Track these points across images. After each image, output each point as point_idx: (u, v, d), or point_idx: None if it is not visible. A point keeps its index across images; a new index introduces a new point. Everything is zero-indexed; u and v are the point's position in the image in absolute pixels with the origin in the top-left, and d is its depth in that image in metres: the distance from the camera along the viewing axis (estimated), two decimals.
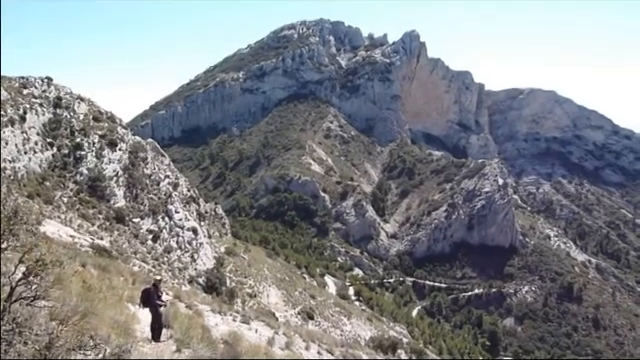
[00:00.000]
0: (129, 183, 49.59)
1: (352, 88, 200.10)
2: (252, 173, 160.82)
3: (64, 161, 45.14)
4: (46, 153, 44.20)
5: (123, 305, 12.08)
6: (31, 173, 41.05)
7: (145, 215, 48.28)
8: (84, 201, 42.48)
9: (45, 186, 40.66)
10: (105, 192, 45.59)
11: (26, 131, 43.40)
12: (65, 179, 43.72)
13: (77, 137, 48.07)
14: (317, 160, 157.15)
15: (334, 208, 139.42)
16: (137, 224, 45.95)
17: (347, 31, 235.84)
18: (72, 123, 49.30)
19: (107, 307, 10.00)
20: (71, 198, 41.81)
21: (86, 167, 46.02)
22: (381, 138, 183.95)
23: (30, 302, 6.27)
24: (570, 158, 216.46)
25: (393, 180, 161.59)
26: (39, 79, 52.49)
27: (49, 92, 51.27)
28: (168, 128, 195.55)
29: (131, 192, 49.20)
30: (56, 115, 48.72)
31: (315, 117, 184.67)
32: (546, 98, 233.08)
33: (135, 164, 52.33)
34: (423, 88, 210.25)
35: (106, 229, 40.23)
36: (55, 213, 36.63)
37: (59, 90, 52.96)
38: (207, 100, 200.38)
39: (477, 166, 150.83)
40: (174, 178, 63.40)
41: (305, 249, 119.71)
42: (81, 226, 37.11)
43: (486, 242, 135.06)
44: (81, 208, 41.12)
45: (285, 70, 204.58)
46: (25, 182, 39.13)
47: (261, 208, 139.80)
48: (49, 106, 49.09)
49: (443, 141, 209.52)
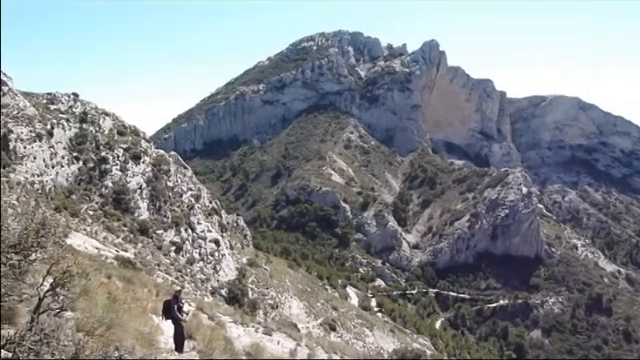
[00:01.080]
0: (152, 196, 50.27)
1: (372, 98, 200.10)
2: (273, 184, 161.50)
3: (90, 175, 46.08)
4: (72, 167, 45.22)
5: (147, 316, 12.20)
6: (58, 187, 42.01)
7: (168, 227, 48.82)
8: (109, 214, 43.22)
9: (71, 199, 41.55)
10: (129, 205, 46.30)
11: (53, 146, 44.51)
12: (91, 192, 44.60)
13: (102, 151, 49.07)
14: (338, 171, 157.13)
15: (355, 219, 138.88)
16: (160, 236, 46.49)
17: (366, 41, 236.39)
18: (97, 137, 50.36)
19: (132, 318, 10.12)
20: (96, 211, 42.59)
21: (111, 180, 46.87)
22: (401, 148, 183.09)
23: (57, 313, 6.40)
24: (596, 166, 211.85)
25: (414, 190, 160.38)
26: (66, 95, 53.90)
27: (75, 107, 52.55)
28: (190, 141, 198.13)
29: (154, 204, 49.85)
30: (82, 130, 49.85)
31: (335, 128, 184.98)
32: (570, 105, 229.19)
33: (158, 177, 53.07)
34: (443, 97, 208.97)
35: (130, 241, 40.80)
36: (81, 226, 37.34)
37: (85, 105, 54.24)
38: (228, 112, 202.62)
39: (500, 175, 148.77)
40: (196, 190, 64.04)
41: (326, 260, 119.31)
42: (106, 238, 37.73)
43: (510, 252, 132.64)
44: (106, 220, 41.83)
45: (305, 81, 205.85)
46: (52, 195, 40.05)
47: (282, 219, 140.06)
48: (75, 121, 50.29)
49: (465, 150, 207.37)
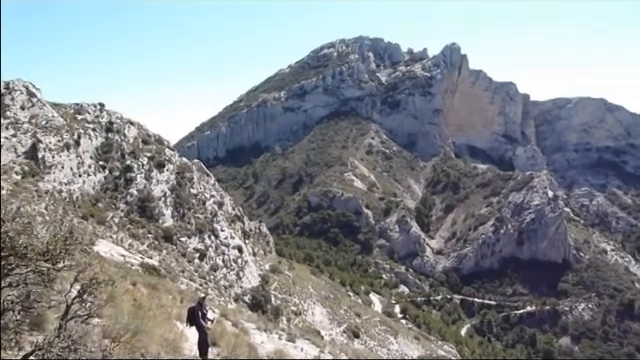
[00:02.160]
0: (176, 203, 50.88)
1: (393, 103, 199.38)
2: (295, 191, 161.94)
3: (115, 183, 46.93)
4: (99, 175, 46.13)
5: (172, 323, 12.30)
6: (85, 195, 42.89)
7: (192, 234, 49.30)
8: (134, 221, 43.88)
9: (98, 207, 42.35)
10: (154, 212, 46.94)
11: (80, 155, 45.51)
12: (116, 200, 45.39)
13: (127, 160, 49.93)
14: (359, 176, 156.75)
15: (378, 224, 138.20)
16: (184, 243, 46.97)
17: (386, 47, 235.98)
18: (122, 146, 51.30)
19: (156, 325, 10.20)
20: (122, 218, 43.30)
21: (136, 188, 47.62)
22: (424, 153, 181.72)
23: (84, 320, 6.49)
24: (625, 168, 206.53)
25: (437, 195, 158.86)
26: (92, 105, 55.11)
27: (101, 117, 53.67)
28: (213, 148, 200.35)
29: (178, 212, 50.42)
30: (108, 139, 50.86)
31: (356, 134, 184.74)
32: (596, 106, 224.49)
33: (182, 184, 53.71)
34: (466, 101, 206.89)
35: (155, 248, 41.31)
36: (107, 233, 38.00)
37: (110, 115, 55.35)
38: (250, 120, 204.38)
39: (525, 178, 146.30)
40: (219, 197, 64.58)
41: (349, 266, 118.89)
42: (131, 245, 38.29)
43: (537, 257, 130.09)
44: (131, 228, 42.48)
45: (325, 88, 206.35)
46: (80, 204, 40.90)
47: (305, 225, 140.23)
48: (101, 130, 51.35)
49: (488, 154, 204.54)
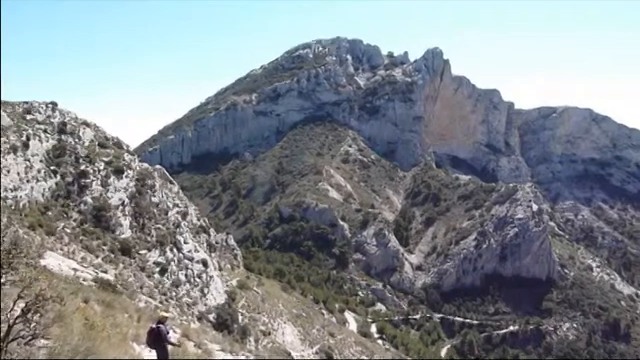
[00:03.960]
0: (136, 213, 49.98)
1: (372, 109, 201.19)
2: (266, 201, 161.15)
3: (68, 190, 45.81)
4: (49, 181, 44.97)
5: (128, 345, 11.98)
6: (33, 202, 41.73)
7: (152, 246, 48.46)
8: (88, 232, 42.87)
9: (48, 216, 41.23)
10: (110, 222, 45.98)
11: (29, 158, 44.31)
12: (69, 209, 44.28)
13: (82, 164, 48.86)
14: (335, 186, 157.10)
15: (354, 238, 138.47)
16: (144, 256, 46.11)
17: (365, 49, 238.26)
18: (77, 150, 50.21)
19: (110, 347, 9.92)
20: (74, 229, 42.24)
21: (91, 196, 46.59)
22: (403, 162, 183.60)
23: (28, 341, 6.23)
24: (610, 181, 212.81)
25: (417, 207, 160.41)
26: (43, 104, 53.86)
27: (54, 117, 52.49)
28: (177, 154, 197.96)
29: (138, 222, 49.53)
30: (60, 141, 49.71)
31: (332, 141, 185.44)
32: (582, 116, 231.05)
33: (142, 192, 52.82)
34: (448, 108, 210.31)
35: (111, 262, 40.42)
36: (57, 245, 37.00)
37: (64, 115, 54.18)
38: (218, 124, 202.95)
39: (508, 191, 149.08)
40: (183, 207, 63.77)
41: (323, 282, 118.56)
42: (84, 259, 37.36)
43: (521, 274, 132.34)
44: (85, 239, 41.47)
45: (300, 91, 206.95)
46: (27, 212, 39.74)
47: (275, 238, 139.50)
48: (53, 132, 50.18)
49: (470, 164, 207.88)
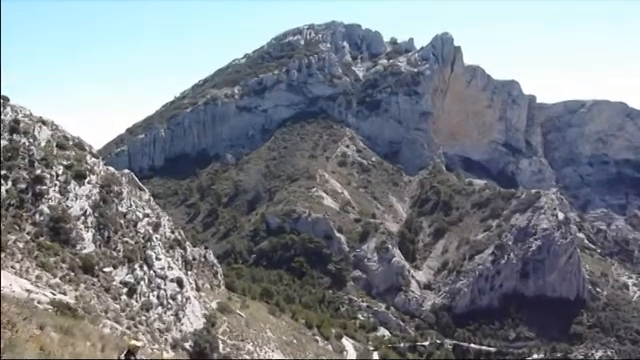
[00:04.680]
0: (100, 224, 49.66)
1: (372, 104, 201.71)
2: (251, 210, 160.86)
3: (20, 198, 45.42)
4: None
5: None
6: None
7: (119, 263, 48.16)
8: (44, 247, 42.52)
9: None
10: (70, 235, 45.65)
11: None
12: (21, 220, 43.92)
13: (37, 168, 48.50)
14: (330, 193, 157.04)
15: (352, 252, 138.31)
16: (109, 274, 45.82)
17: (365, 35, 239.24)
18: (32, 151, 49.86)
19: None
20: (28, 243, 41.89)
21: (47, 205, 46.26)
22: (409, 165, 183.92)
23: None
24: None
25: (425, 216, 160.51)
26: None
27: (4, 114, 52.13)
28: (148, 156, 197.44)
29: (102, 235, 49.23)
30: (12, 142, 49.32)
31: (327, 140, 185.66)
32: (614, 111, 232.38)
33: (107, 201, 52.53)
34: (459, 102, 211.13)
35: (70, 281, 40.11)
36: (8, 262, 36.69)
37: (17, 112, 53.82)
38: (195, 121, 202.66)
39: (530, 197, 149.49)
40: (155, 217, 63.49)
41: (317, 304, 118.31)
42: (40, 278, 37.05)
43: (545, 293, 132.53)
44: (40, 255, 41.13)
45: (290, 84, 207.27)
46: None
47: (262, 253, 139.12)
48: (4, 131, 49.80)
49: (486, 167, 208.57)
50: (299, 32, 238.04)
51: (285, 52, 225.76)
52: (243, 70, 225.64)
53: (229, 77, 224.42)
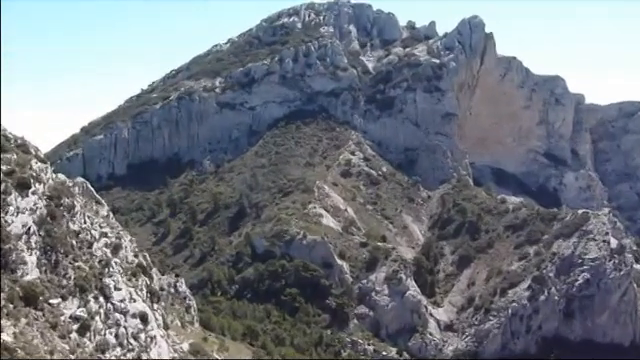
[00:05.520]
0: (46, 245, 49.48)
1: (384, 102, 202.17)
2: (233, 230, 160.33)
3: None
4: None
5: None
6: None
7: (69, 294, 47.95)
8: None
9: None
10: (9, 258, 45.47)
11: None
12: None
13: None
14: (331, 210, 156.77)
15: (357, 283, 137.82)
16: (56, 307, 45.61)
17: (376, 18, 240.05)
18: None
19: None
20: None
21: None
22: (428, 177, 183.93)
23: None
24: None
25: (447, 241, 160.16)
26: None
27: None
28: (108, 161, 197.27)
29: (49, 258, 49.04)
30: None
31: (328, 145, 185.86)
32: None
33: (56, 216, 52.38)
34: (491, 102, 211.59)
35: (9, 315, 39.95)
36: None
37: None
38: (166, 120, 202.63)
39: (576, 219, 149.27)
40: (115, 237, 63.32)
41: (313, 347, 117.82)
42: None
43: (594, 338, 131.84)
44: None
45: (283, 76, 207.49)
46: None
47: (246, 283, 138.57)
48: None
49: (523, 181, 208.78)
50: (295, 12, 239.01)
51: (278, 37, 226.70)
52: (226, 58, 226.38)
53: (208, 66, 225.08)
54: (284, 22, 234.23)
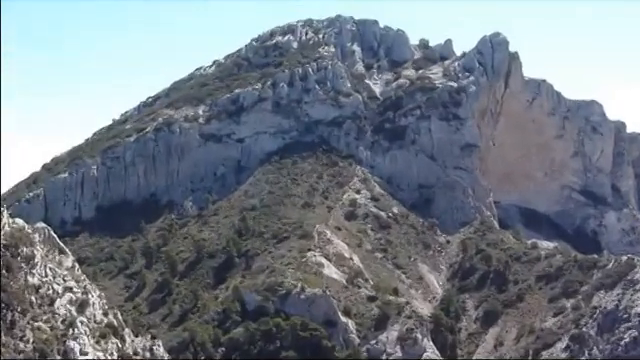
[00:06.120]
0: (1, 302, 49.40)
1: (394, 132, 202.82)
2: (219, 282, 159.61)
3: None
4: None
5: None
6: None
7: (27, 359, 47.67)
8: None
9: None
10: None
11: None
12: None
13: None
14: (334, 259, 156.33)
15: (365, 344, 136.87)
16: None
17: (383, 36, 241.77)
18: None
19: None
20: None
21: None
22: (446, 219, 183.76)
23: None
24: None
25: (470, 293, 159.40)
26: None
27: None
28: (73, 204, 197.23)
29: (3, 318, 48.88)
30: None
31: (330, 183, 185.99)
32: None
33: (12, 268, 52.36)
34: (518, 131, 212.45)
35: None
36: None
37: None
38: (142, 155, 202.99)
39: (620, 267, 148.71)
40: (81, 292, 63.21)
41: None
42: None
43: None
44: None
45: (277, 102, 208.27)
46: None
47: (234, 345, 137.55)
48: None
49: (556, 222, 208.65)
50: (291, 30, 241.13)
51: (271, 58, 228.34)
52: (211, 83, 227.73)
53: (191, 92, 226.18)
54: (278, 41, 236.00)
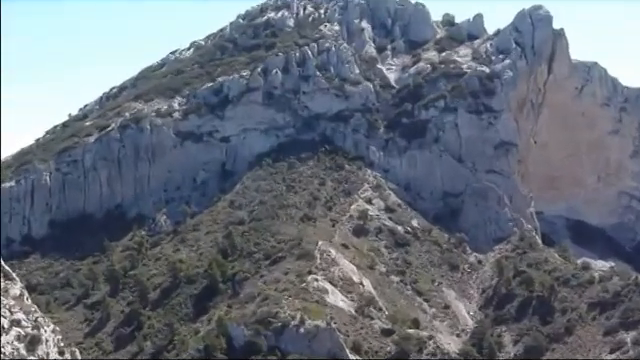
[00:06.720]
0: None
1: (412, 128, 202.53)
2: (199, 313, 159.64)
3: None
4: None
5: None
6: None
7: None
8: None
9: None
10: None
11: None
12: None
13: None
14: (340, 283, 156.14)
15: None
16: None
17: (399, 11, 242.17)
18: None
19: None
20: None
21: None
22: (478, 234, 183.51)
23: None
24: None
25: (507, 325, 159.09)
26: None
27: None
28: (22, 218, 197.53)
29: None
30: None
31: (335, 191, 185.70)
32: None
33: None
34: (564, 126, 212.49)
35: None
36: None
37: None
38: (105, 158, 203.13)
39: None
40: (31, 327, 63.23)
41: None
42: None
43: None
44: None
45: (270, 93, 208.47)
46: None
47: None
48: None
49: (613, 237, 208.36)
50: (286, 5, 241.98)
51: (261, 39, 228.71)
52: (188, 70, 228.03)
53: (163, 82, 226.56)
54: (270, 18, 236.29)
